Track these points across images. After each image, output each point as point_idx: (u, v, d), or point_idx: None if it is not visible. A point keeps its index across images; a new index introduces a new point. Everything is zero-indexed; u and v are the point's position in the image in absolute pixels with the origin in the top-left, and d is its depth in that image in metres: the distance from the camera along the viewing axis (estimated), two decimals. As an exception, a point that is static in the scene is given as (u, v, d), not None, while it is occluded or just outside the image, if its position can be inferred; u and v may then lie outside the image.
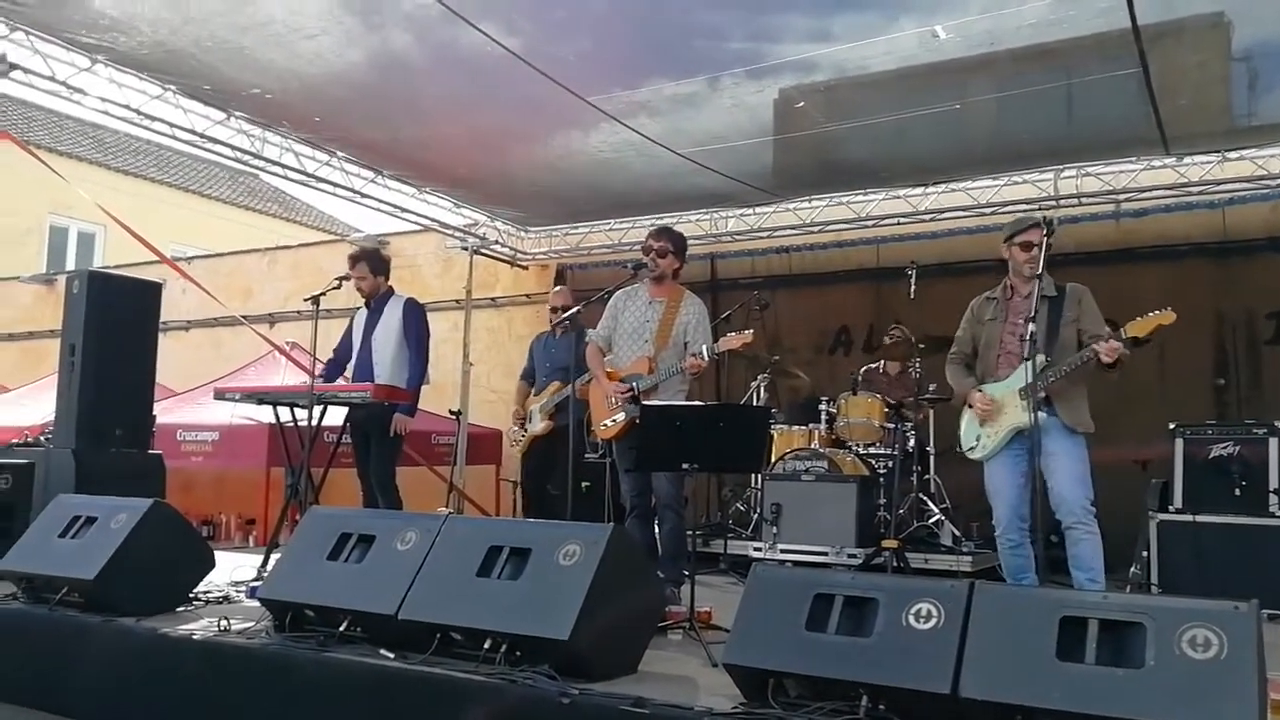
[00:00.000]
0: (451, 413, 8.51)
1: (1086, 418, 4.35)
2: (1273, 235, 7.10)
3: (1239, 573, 5.14)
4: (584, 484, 7.03)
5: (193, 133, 6.83)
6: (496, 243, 9.64)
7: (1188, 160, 6.99)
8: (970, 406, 4.59)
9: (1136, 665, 2.48)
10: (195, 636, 3.81)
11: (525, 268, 10.12)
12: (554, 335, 6.61)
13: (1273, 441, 5.42)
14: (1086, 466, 4.31)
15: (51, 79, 6.03)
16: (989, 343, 4.60)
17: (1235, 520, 5.35)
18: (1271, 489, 5.34)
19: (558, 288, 7.59)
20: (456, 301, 9.89)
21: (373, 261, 6.08)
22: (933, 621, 2.76)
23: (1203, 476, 5.56)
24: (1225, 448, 5.54)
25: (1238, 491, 5.42)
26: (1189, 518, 5.47)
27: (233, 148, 7.12)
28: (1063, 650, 2.57)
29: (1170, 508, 5.60)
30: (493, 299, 10.24)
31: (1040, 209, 6.99)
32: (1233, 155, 6.86)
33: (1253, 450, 5.46)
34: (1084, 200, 7.39)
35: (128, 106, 6.45)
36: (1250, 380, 7.07)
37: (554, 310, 6.62)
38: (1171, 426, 5.78)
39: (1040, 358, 4.18)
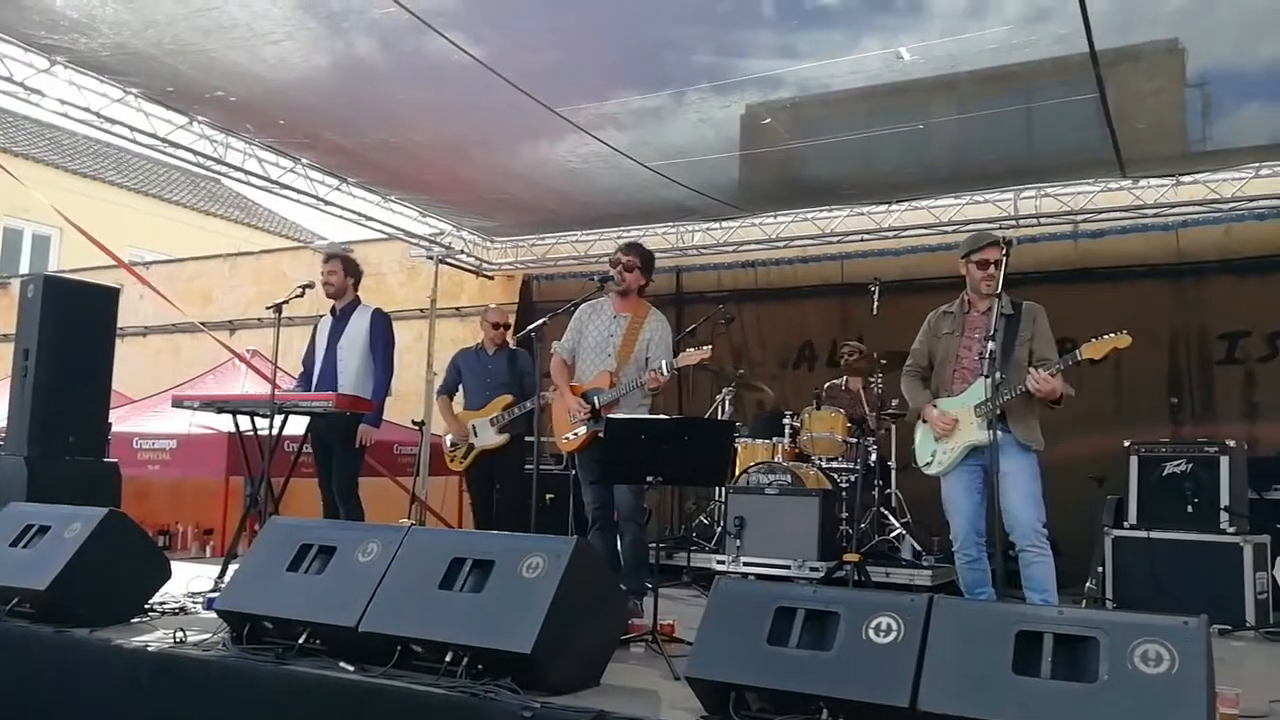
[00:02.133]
0: (414, 423, 8.46)
1: (1038, 434, 4.42)
2: (1225, 258, 7.25)
3: (1191, 588, 5.26)
4: (547, 495, 7.02)
5: (154, 137, 6.74)
6: (462, 252, 9.61)
7: (1143, 183, 7.13)
8: (924, 421, 4.63)
9: (1090, 679, 2.53)
10: (150, 648, 3.75)
11: (491, 278, 10.10)
12: (486, 351, 6.67)
13: (1224, 460, 5.54)
14: (1039, 485, 4.37)
15: (8, 79, 5.94)
16: (945, 357, 4.63)
17: (1187, 536, 5.47)
18: (1222, 506, 5.46)
19: (493, 305, 7.57)
20: (421, 310, 9.83)
21: (345, 262, 6.10)
22: (893, 635, 2.79)
23: (1156, 493, 5.68)
24: (1178, 465, 5.66)
25: (1190, 508, 5.54)
26: (1143, 534, 5.59)
27: (195, 153, 7.04)
28: (1019, 664, 2.61)
29: (1125, 524, 5.71)
30: (457, 309, 10.18)
31: (1000, 228, 7.09)
32: (1187, 179, 7.00)
33: (1205, 468, 5.58)
34: (1043, 220, 7.52)
35: (87, 109, 6.36)
36: (1203, 399, 7.19)
37: (496, 327, 6.66)
38: (1126, 444, 5.89)
39: (996, 375, 4.24)
